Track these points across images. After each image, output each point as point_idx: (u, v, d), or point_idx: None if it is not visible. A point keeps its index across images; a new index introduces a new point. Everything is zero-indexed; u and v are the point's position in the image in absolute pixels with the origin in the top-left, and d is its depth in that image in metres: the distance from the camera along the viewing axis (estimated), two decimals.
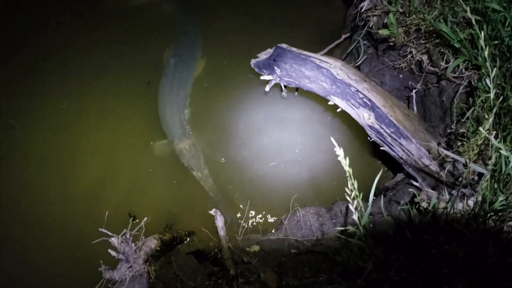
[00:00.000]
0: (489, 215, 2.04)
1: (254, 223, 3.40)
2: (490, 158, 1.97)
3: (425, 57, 3.16)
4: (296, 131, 4.00)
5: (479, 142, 1.91)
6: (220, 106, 4.20)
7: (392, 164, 3.45)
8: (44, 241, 3.52)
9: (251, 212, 3.25)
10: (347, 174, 1.79)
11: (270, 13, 4.68)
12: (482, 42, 2.07)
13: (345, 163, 1.77)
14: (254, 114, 4.11)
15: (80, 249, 3.34)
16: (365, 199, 2.15)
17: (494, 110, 1.98)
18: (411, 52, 3.24)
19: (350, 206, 1.83)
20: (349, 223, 2.94)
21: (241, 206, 3.57)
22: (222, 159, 3.92)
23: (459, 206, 2.29)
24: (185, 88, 4.20)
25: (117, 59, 4.51)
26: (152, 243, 3.05)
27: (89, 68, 4.47)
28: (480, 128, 1.86)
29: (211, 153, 3.98)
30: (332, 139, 1.81)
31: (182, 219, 3.58)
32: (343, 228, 2.24)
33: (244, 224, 3.19)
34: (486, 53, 2.10)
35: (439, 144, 2.78)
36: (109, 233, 2.75)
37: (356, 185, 1.84)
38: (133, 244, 2.82)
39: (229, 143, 4.02)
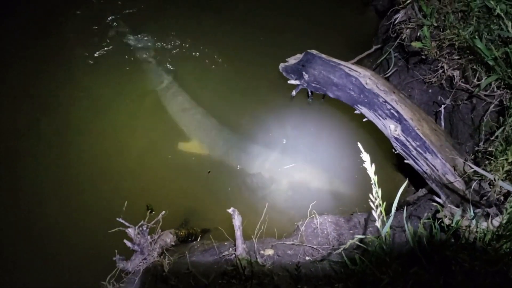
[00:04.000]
0: None
1: (270, 227, 3.38)
2: None
3: (456, 73, 3.11)
4: (319, 138, 3.98)
5: (510, 160, 1.86)
6: (244, 107, 4.23)
7: (414, 179, 3.40)
8: (60, 227, 3.56)
9: (268, 215, 3.22)
10: (372, 181, 1.77)
11: (301, 19, 4.69)
12: None
13: (370, 169, 1.75)
14: (278, 117, 4.11)
15: (95, 238, 3.36)
16: (386, 212, 2.12)
17: None
18: (442, 67, 3.20)
19: (373, 212, 1.80)
20: (368, 234, 2.90)
21: (258, 208, 3.56)
22: (238, 166, 3.96)
23: (483, 225, 2.24)
24: None
25: None
26: (168, 237, 3.06)
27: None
28: None
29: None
30: (359, 144, 1.78)
31: (198, 216, 3.58)
32: (363, 236, 2.21)
33: (263, 226, 3.16)
34: None
35: (466, 161, 2.73)
36: (126, 224, 2.77)
37: (380, 193, 1.81)
38: (149, 237, 2.83)
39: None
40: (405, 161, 3.07)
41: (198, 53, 4.61)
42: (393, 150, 3.13)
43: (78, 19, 4.83)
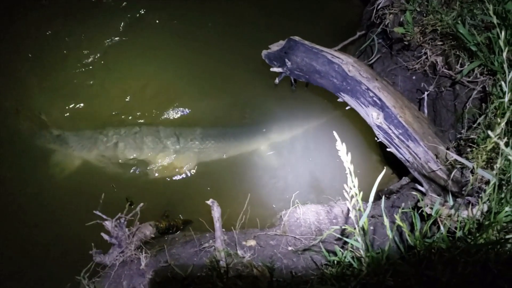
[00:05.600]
0: (493, 225, 1.95)
1: (253, 217, 3.34)
2: (500, 167, 1.88)
3: (439, 59, 3.07)
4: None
5: (489, 148, 1.82)
6: (226, 96, 4.17)
7: (399, 167, 3.37)
8: (34, 219, 3.49)
9: (250, 205, 3.18)
10: (347, 170, 1.72)
11: (286, 6, 4.62)
12: (501, 42, 1.97)
13: (346, 158, 1.70)
14: (260, 105, 4.06)
15: (72, 231, 3.30)
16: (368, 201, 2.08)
17: (507, 116, 1.88)
18: (425, 53, 3.15)
19: (347, 204, 1.76)
20: (349, 224, 2.87)
21: (240, 199, 3.51)
22: (224, 155, 3.89)
23: (464, 214, 2.21)
24: None
25: None
26: (147, 229, 3.00)
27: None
28: (490, 132, 1.77)
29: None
30: (335, 133, 1.73)
31: (180, 207, 3.53)
32: (338, 227, 2.17)
33: (244, 217, 3.11)
34: (504, 54, 2.01)
35: (448, 149, 2.69)
36: (104, 216, 2.72)
37: (356, 183, 1.76)
38: (127, 229, 2.78)
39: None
40: (388, 149, 3.03)
41: (177, 39, 4.52)
42: (376, 138, 3.09)
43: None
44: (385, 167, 3.23)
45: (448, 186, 2.54)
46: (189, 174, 3.78)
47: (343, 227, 2.26)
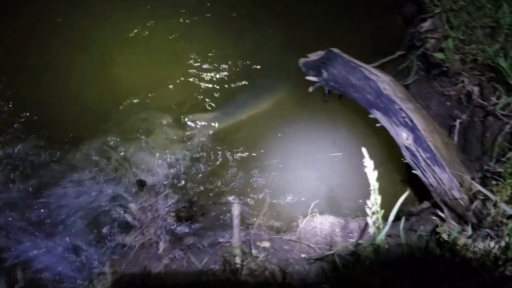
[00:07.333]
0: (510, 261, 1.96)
1: (271, 219, 3.38)
2: None
3: (476, 89, 3.07)
4: (330, 137, 3.94)
5: None
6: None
7: (421, 190, 3.37)
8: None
9: (269, 208, 3.22)
10: (372, 187, 1.76)
11: (328, 18, 4.66)
12: None
13: (372, 175, 1.74)
14: (293, 113, 4.10)
15: (97, 211, 3.39)
16: (388, 220, 2.10)
17: None
18: (463, 81, 3.16)
19: (368, 220, 1.80)
20: (364, 239, 2.89)
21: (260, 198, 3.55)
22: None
23: (480, 245, 2.22)
24: None
25: None
26: (169, 216, 3.09)
27: None
28: None
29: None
30: (364, 150, 1.78)
31: (202, 198, 3.58)
32: (354, 241, 2.20)
33: (261, 218, 3.16)
34: None
35: (473, 179, 2.69)
36: (129, 199, 2.81)
37: (379, 201, 1.80)
38: (149, 214, 2.87)
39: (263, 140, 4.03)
40: (413, 171, 3.04)
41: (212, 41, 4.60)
42: (402, 159, 3.11)
43: None
44: (408, 189, 3.24)
45: (468, 216, 2.55)
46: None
47: (354, 241, 2.29)
